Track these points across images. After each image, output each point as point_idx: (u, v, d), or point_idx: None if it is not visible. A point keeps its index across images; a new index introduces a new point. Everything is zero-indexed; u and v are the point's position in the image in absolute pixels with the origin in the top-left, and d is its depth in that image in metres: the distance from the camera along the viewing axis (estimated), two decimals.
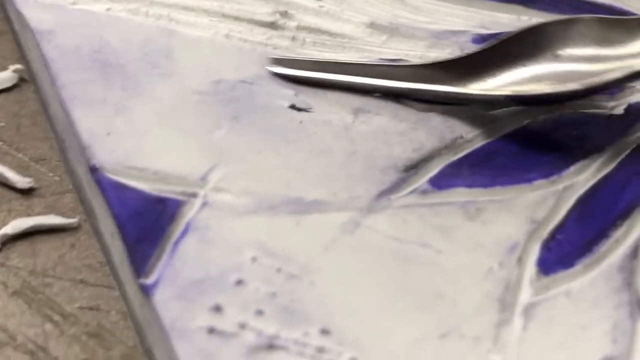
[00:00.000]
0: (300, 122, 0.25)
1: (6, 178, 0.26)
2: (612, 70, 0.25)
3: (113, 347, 0.23)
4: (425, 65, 0.27)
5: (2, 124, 0.28)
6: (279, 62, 0.27)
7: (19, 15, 0.29)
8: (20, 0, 0.29)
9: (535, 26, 0.26)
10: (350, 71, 0.27)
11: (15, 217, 0.25)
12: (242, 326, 0.20)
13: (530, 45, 0.26)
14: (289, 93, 0.26)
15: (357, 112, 0.26)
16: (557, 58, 0.26)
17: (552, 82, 0.25)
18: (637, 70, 0.24)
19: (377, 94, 0.26)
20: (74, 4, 0.29)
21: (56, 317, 0.23)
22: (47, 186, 0.27)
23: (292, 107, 0.26)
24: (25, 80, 0.29)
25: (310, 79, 0.27)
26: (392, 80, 0.26)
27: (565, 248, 0.22)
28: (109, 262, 0.23)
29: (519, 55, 0.26)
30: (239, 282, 0.21)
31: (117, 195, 0.23)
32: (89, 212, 0.25)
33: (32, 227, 0.25)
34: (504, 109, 0.26)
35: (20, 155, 0.27)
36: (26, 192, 0.26)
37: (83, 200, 0.25)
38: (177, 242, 0.22)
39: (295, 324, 0.20)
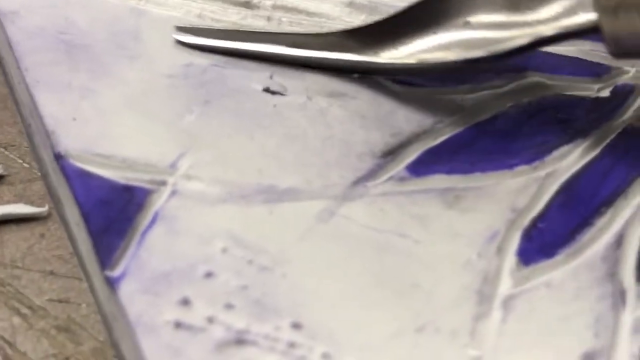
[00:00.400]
0: (274, 106, 0.24)
1: None
2: (519, 36, 0.24)
3: (83, 341, 0.22)
4: (337, 33, 0.26)
5: None
6: (186, 30, 0.26)
7: None
8: None
9: None
10: (260, 39, 0.26)
11: None
12: (211, 320, 0.20)
13: (440, 12, 0.25)
14: (264, 76, 0.25)
15: (333, 95, 0.25)
16: (467, 25, 0.25)
17: (460, 50, 0.24)
18: (543, 37, 0.24)
19: (356, 75, 0.25)
20: None
21: (24, 310, 0.22)
22: (16, 173, 0.26)
23: (266, 90, 0.25)
24: None
25: (219, 48, 0.26)
26: (303, 49, 0.26)
27: (547, 237, 0.21)
28: (77, 253, 0.23)
29: (429, 23, 0.25)
30: (208, 275, 0.20)
31: (82, 183, 0.22)
32: (56, 201, 0.24)
33: (1, 216, 0.24)
34: (487, 92, 0.25)
35: None
36: None
37: (50, 188, 0.25)
38: (144, 233, 0.21)
39: (266, 318, 0.20)
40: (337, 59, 0.26)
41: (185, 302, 0.20)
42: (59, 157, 0.23)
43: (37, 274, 0.23)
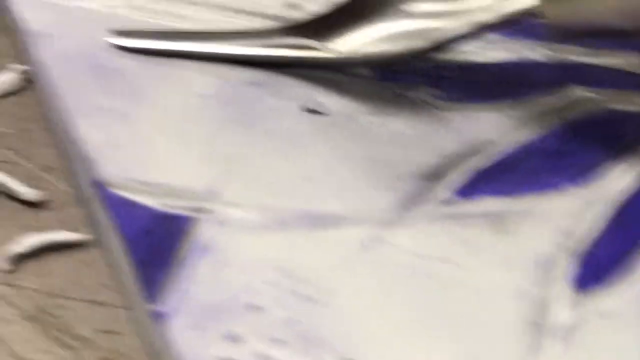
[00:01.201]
0: (313, 126, 0.24)
1: (15, 190, 0.25)
2: (460, 25, 0.24)
3: None
4: (280, 29, 0.26)
5: (9, 131, 0.27)
6: (121, 33, 0.26)
7: (16, 15, 0.27)
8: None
9: None
10: (201, 38, 0.26)
11: (25, 233, 0.24)
12: (258, 356, 0.19)
13: (379, 2, 0.25)
14: (301, 94, 0.25)
15: (374, 113, 0.24)
16: (407, 15, 0.25)
17: (403, 40, 0.25)
18: (484, 23, 0.24)
19: (393, 93, 0.25)
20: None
21: (72, 342, 0.22)
22: (57, 198, 0.25)
23: (305, 109, 0.25)
24: (30, 82, 0.29)
25: (158, 50, 0.26)
26: (245, 47, 0.26)
27: (601, 262, 0.21)
28: (120, 282, 0.22)
29: (369, 15, 0.25)
30: (253, 307, 0.20)
31: (124, 212, 0.22)
32: (96, 227, 0.24)
33: (43, 243, 0.24)
34: (532, 108, 0.25)
35: (29, 164, 0.26)
36: (36, 205, 0.25)
37: (90, 214, 0.24)
38: (187, 263, 0.21)
39: (314, 353, 0.19)
40: (282, 56, 0.25)
41: (232, 336, 0.19)
42: (99, 185, 0.22)
43: (81, 303, 0.23)
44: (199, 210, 0.22)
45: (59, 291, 0.23)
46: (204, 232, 0.21)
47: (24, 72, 0.29)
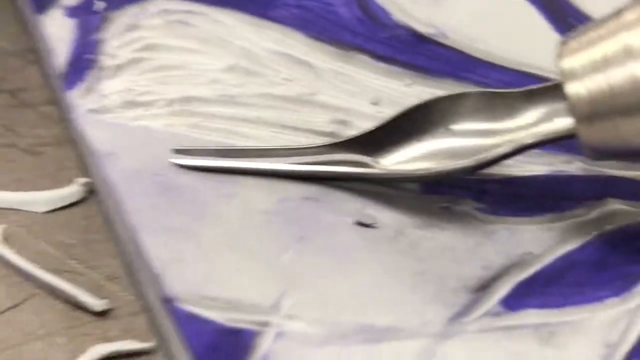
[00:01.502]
0: (366, 239, 0.25)
1: (82, 301, 0.27)
2: (501, 144, 0.26)
3: None
4: (328, 145, 0.27)
5: (72, 241, 0.29)
6: (181, 152, 0.28)
7: (81, 133, 0.29)
8: (82, 119, 0.30)
9: (426, 102, 0.27)
10: (255, 155, 0.28)
11: (91, 342, 0.26)
12: None
13: (424, 120, 0.27)
14: (355, 208, 0.26)
15: (422, 227, 0.26)
16: (451, 133, 0.27)
17: (446, 158, 0.26)
18: (524, 144, 0.25)
19: (445, 204, 0.26)
20: (135, 119, 0.29)
21: None
22: (121, 307, 0.27)
23: (358, 223, 0.26)
24: (91, 192, 0.30)
25: (217, 167, 0.27)
26: (300, 163, 0.27)
27: None
28: None
29: (414, 132, 0.27)
30: None
31: (192, 327, 0.23)
32: (161, 337, 0.25)
33: (110, 353, 0.25)
34: (571, 221, 0.26)
35: (93, 274, 0.28)
36: (101, 314, 0.26)
37: (155, 325, 0.26)
38: None
39: None
40: (334, 171, 0.27)
41: None
42: (167, 300, 0.24)
43: None
44: (262, 324, 0.23)
45: None
46: (268, 346, 0.23)
47: (86, 184, 0.30)
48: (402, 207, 0.27)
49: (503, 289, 0.24)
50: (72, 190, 0.30)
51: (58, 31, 0.33)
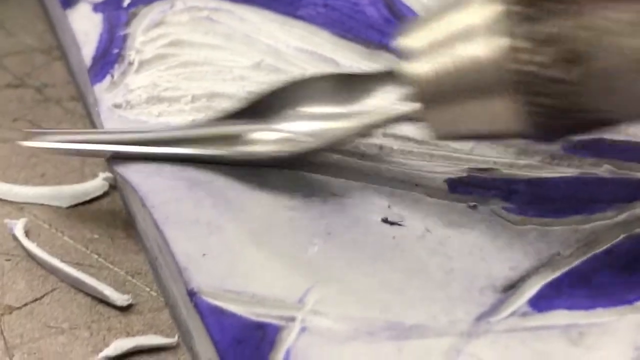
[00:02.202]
0: (394, 237, 0.25)
1: (105, 295, 0.27)
2: (350, 126, 0.26)
3: None
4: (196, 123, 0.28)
5: (95, 236, 0.29)
6: None
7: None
8: (106, 114, 0.30)
9: (278, 86, 0.27)
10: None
11: (114, 336, 0.26)
12: None
13: (275, 104, 0.27)
14: (382, 205, 0.26)
15: (450, 225, 0.26)
16: (300, 116, 0.27)
17: (294, 140, 0.27)
18: (370, 124, 0.26)
19: (471, 204, 0.26)
20: (159, 115, 0.29)
21: None
22: (144, 302, 0.27)
23: (385, 220, 0.26)
24: (115, 187, 0.30)
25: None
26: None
27: None
28: None
29: (263, 116, 0.27)
30: None
31: (216, 321, 0.23)
32: (184, 332, 0.25)
33: (133, 347, 0.25)
34: (600, 222, 0.26)
35: (116, 269, 0.28)
36: (124, 309, 0.26)
37: (178, 319, 0.26)
38: None
39: None
40: (184, 154, 0.27)
41: None
42: (192, 294, 0.24)
43: None
44: (287, 318, 0.23)
45: None
46: (293, 341, 0.22)
47: (110, 179, 0.30)
48: (429, 205, 0.26)
49: (531, 290, 0.24)
50: (95, 185, 0.30)
51: (85, 25, 0.33)
